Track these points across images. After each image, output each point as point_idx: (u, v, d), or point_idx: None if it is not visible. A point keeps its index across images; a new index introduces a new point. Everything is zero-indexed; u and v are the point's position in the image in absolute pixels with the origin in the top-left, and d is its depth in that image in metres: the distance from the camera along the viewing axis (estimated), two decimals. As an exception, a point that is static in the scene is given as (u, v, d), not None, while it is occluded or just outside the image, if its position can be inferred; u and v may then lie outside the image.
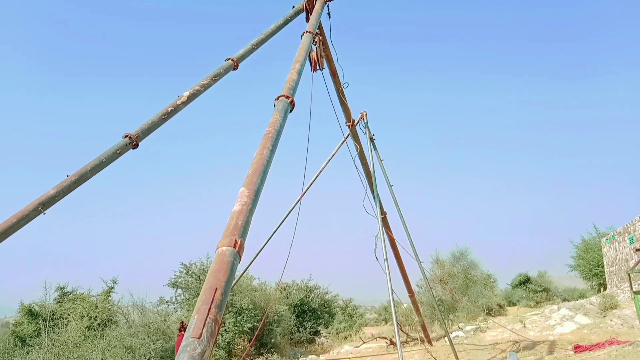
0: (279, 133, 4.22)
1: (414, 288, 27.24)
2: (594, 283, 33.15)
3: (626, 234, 25.17)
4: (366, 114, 12.73)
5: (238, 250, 2.97)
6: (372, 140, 12.70)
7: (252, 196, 3.43)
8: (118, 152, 5.39)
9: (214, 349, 16.42)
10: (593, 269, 32.36)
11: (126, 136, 5.51)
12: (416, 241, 12.95)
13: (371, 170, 12.41)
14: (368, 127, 12.60)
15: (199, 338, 2.24)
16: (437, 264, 29.27)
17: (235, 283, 13.43)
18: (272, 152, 3.98)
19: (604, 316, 17.73)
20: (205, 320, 2.35)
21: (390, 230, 13.16)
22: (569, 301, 24.85)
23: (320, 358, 20.43)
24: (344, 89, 10.07)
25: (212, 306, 2.43)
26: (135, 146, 5.53)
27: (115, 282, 22.45)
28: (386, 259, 11.50)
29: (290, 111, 4.78)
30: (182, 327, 12.47)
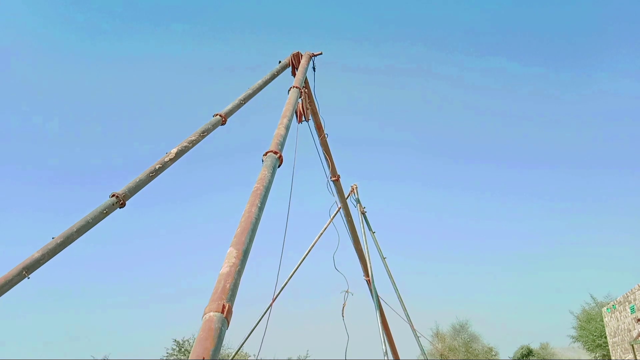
0: (267, 189, 4.16)
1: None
2: (597, 354, 32.33)
3: (627, 303, 24.88)
4: (356, 187, 12.84)
5: (226, 316, 2.80)
6: (363, 214, 12.76)
7: (240, 257, 3.31)
8: (105, 212, 5.27)
9: None
10: (596, 340, 31.67)
11: (113, 195, 5.41)
12: (414, 313, 12.72)
13: (363, 244, 12.33)
14: (359, 201, 12.70)
15: None
16: (437, 338, 28.61)
17: None
18: (261, 209, 3.89)
19: (611, 390, 17.25)
20: None
21: (381, 306, 12.62)
22: (574, 374, 24.16)
23: None
24: (327, 141, 9.83)
25: None
26: (122, 205, 5.43)
27: (106, 363, 21.84)
28: (384, 340, 11.29)
29: (279, 166, 4.74)
30: None
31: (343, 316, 10.97)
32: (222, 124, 6.80)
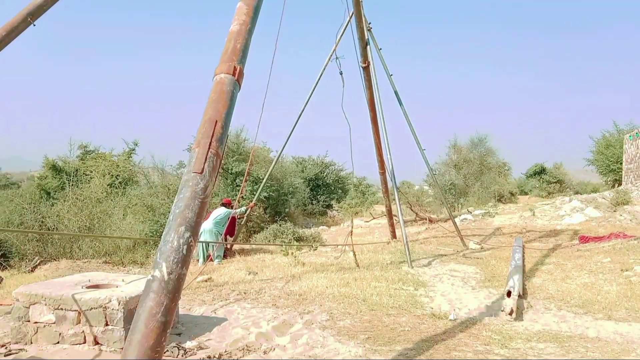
0: None
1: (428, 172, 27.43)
2: (609, 179, 33.05)
3: (652, 132, 24.62)
4: (361, 1, 12.01)
5: (237, 79, 2.74)
6: (369, 29, 12.08)
7: (250, 13, 3.04)
8: None
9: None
10: (611, 165, 32.08)
11: None
12: (436, 128, 12.74)
13: (370, 61, 11.91)
14: (364, 16, 11.88)
15: (200, 173, 2.17)
16: (453, 149, 29.19)
17: (272, 168, 13.58)
18: None
19: (615, 211, 17.87)
20: (207, 154, 2.24)
21: (371, 86, 12.16)
22: (581, 194, 25.00)
23: (331, 229, 21.27)
24: None
25: (212, 140, 2.30)
26: None
27: (136, 144, 22.94)
28: (385, 131, 11.55)
29: None
30: (225, 203, 12.73)
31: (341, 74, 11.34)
32: None
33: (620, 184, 28.15)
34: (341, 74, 11.47)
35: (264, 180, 13.32)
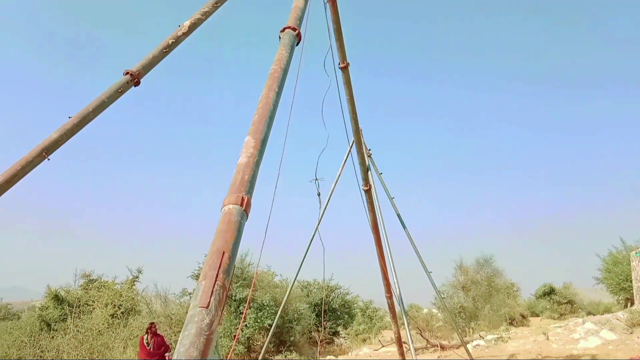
0: (285, 71, 3.93)
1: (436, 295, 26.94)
2: (620, 297, 32.25)
3: (657, 250, 24.47)
4: (361, 130, 12.66)
5: (245, 209, 2.81)
6: (369, 155, 12.61)
7: (258, 146, 3.21)
8: (120, 90, 5.21)
9: (234, 344, 16.47)
10: (621, 283, 31.44)
11: (127, 73, 5.32)
12: (440, 247, 12.70)
13: (371, 184, 12.27)
14: (364, 143, 12.51)
15: (206, 307, 2.17)
16: (460, 270, 28.91)
17: (289, 292, 13.34)
18: (279, 94, 3.73)
19: (631, 333, 17.28)
20: (213, 287, 2.24)
21: (374, 209, 12.22)
22: (594, 315, 24.31)
23: (339, 359, 20.43)
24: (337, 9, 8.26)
25: (219, 271, 2.32)
26: (137, 83, 5.37)
27: (140, 272, 22.83)
28: (390, 255, 11.52)
29: (297, 44, 4.41)
30: (151, 329, 11.38)
31: (319, 194, 11.23)
32: None
33: (632, 303, 27.43)
34: (319, 195, 11.64)
35: (276, 321, 12.78)
